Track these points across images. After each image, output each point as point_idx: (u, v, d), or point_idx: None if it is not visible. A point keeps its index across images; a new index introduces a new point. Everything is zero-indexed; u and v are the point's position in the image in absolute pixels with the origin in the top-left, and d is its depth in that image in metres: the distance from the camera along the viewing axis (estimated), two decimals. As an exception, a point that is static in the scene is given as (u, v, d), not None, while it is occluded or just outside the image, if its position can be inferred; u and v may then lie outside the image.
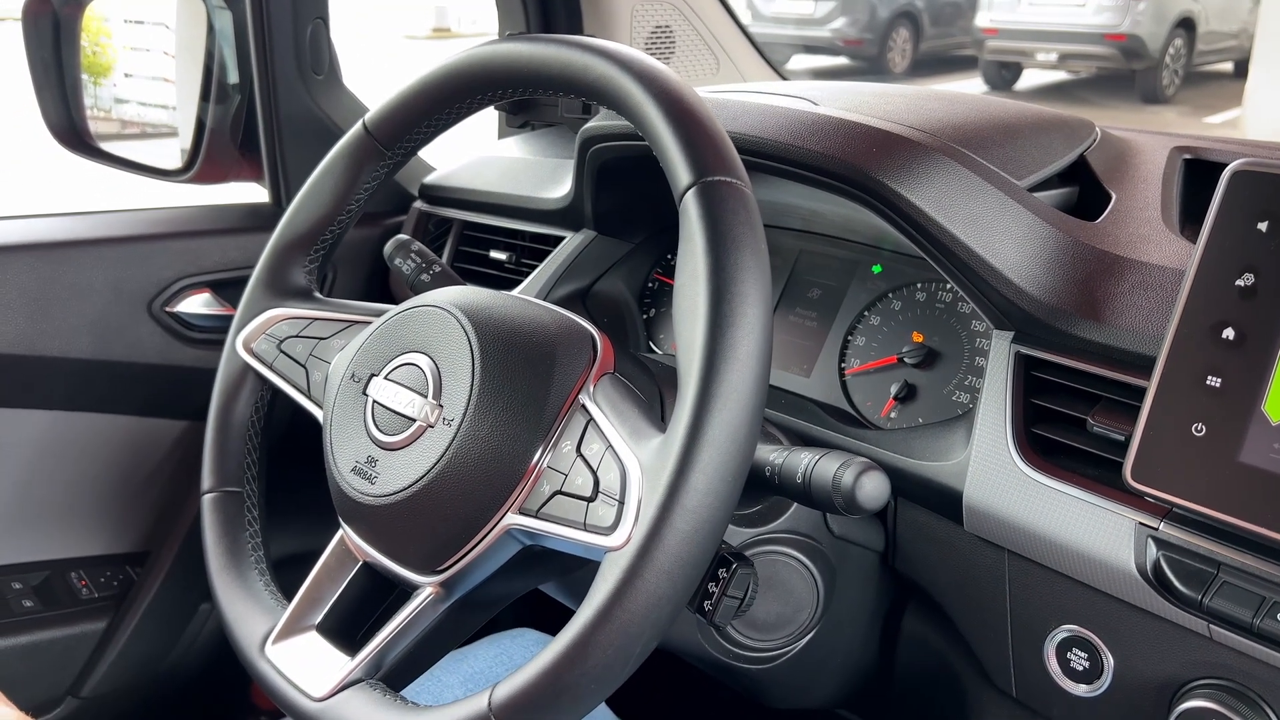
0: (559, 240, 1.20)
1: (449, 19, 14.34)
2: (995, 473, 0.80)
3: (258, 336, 0.89)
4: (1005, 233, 0.83)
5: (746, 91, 1.04)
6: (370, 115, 0.86)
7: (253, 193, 1.46)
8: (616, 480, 0.64)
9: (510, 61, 0.77)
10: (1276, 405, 0.66)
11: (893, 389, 0.97)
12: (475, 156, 1.41)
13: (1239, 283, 0.68)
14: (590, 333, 0.74)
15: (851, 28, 10.14)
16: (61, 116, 1.42)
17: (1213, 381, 0.68)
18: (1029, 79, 10.23)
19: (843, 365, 1.02)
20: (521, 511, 0.68)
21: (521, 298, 0.77)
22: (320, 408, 0.82)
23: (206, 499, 0.87)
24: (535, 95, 0.78)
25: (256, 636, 0.78)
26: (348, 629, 0.77)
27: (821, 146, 0.88)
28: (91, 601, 1.37)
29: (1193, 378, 0.69)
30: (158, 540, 1.40)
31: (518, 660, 1.04)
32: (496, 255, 1.29)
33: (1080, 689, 0.79)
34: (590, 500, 0.65)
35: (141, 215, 1.37)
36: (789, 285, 1.09)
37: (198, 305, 1.33)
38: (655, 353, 1.16)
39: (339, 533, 0.78)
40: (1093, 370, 0.78)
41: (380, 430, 0.74)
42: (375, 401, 0.75)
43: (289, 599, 0.79)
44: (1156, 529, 0.71)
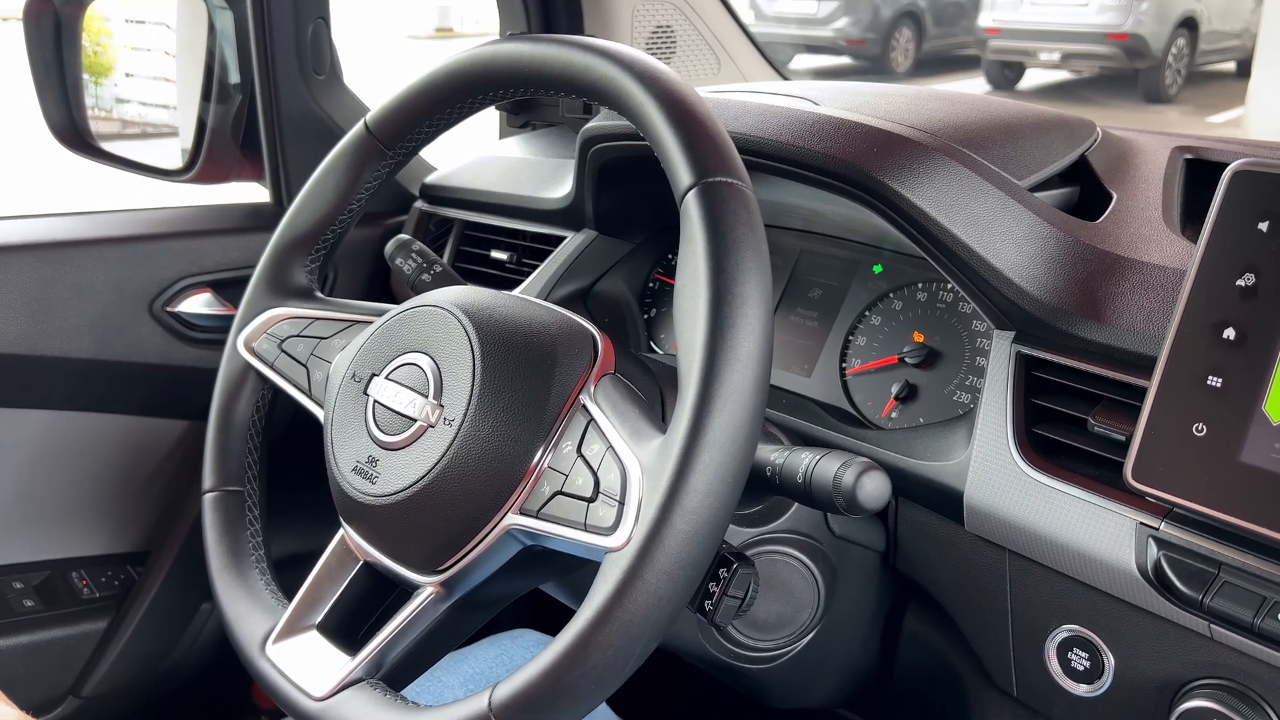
0: (560, 240, 1.20)
1: (452, 19, 14.34)
2: (996, 473, 0.80)
3: (259, 336, 0.89)
4: (1006, 233, 0.83)
5: (747, 91, 1.04)
6: (372, 115, 0.86)
7: (254, 193, 1.46)
8: (617, 481, 0.64)
9: (512, 61, 0.77)
10: (1277, 405, 0.66)
11: (894, 389, 0.97)
12: (476, 156, 1.41)
13: (1240, 283, 0.68)
14: (591, 333, 0.74)
15: (854, 27, 10.13)
16: (63, 116, 1.42)
17: (1213, 381, 0.68)
18: (1032, 78, 10.22)
19: (844, 365, 1.02)
20: (522, 512, 0.68)
21: (522, 298, 0.77)
22: (321, 407, 0.82)
23: (207, 498, 0.88)
24: (536, 95, 0.78)
25: (257, 636, 0.78)
26: (348, 628, 0.77)
27: (822, 146, 0.88)
28: (92, 601, 1.37)
29: (1193, 378, 0.69)
30: (158, 540, 1.40)
31: (518, 661, 1.04)
32: (497, 255, 1.29)
33: (1081, 689, 0.79)
34: (591, 501, 0.65)
35: (143, 215, 1.37)
36: (790, 285, 1.09)
37: (199, 305, 1.33)
38: (656, 353, 1.16)
39: (340, 532, 0.78)
40: (1093, 370, 0.78)
41: (381, 430, 0.74)
42: (376, 401, 0.75)
43: (290, 598, 0.79)
44: (1157, 529, 0.71)
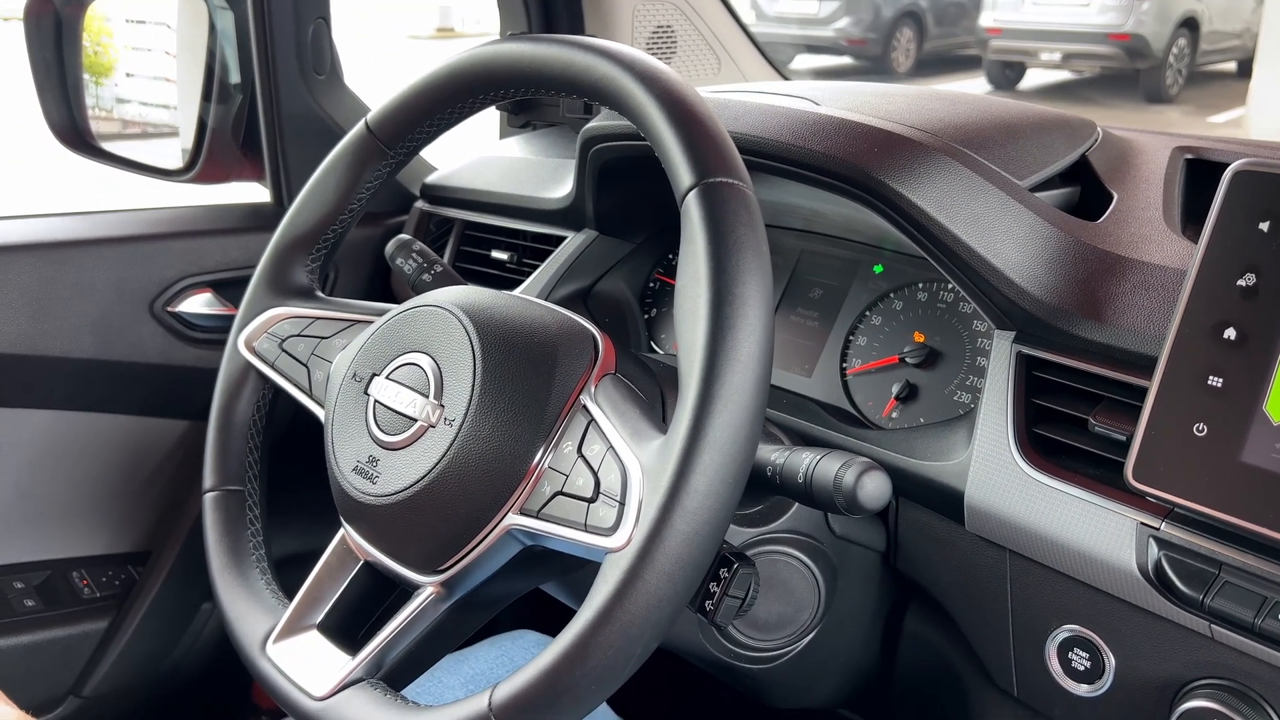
0: (560, 240, 1.20)
1: (453, 19, 14.34)
2: (997, 473, 0.80)
3: (260, 335, 0.89)
4: (1007, 233, 0.83)
5: (748, 91, 1.04)
6: (372, 114, 0.86)
7: (254, 193, 1.46)
8: (617, 481, 0.64)
9: (513, 61, 0.77)
10: (1278, 405, 0.66)
11: (894, 389, 0.97)
12: (477, 156, 1.41)
13: (1240, 283, 0.68)
14: (592, 333, 0.74)
15: (856, 27, 10.13)
16: (63, 116, 1.42)
17: (1214, 381, 0.68)
18: (1033, 78, 10.22)
19: (844, 365, 1.02)
20: (522, 512, 0.68)
21: (523, 298, 0.77)
22: (322, 407, 0.82)
23: (208, 497, 0.88)
24: (537, 95, 0.78)
25: (258, 635, 0.78)
26: (349, 628, 0.77)
27: (823, 146, 0.88)
28: (93, 601, 1.37)
29: (1194, 378, 0.69)
30: (159, 540, 1.40)
31: (519, 662, 1.03)
32: (498, 255, 1.29)
33: (1082, 689, 0.79)
34: (591, 501, 0.65)
35: (143, 215, 1.37)
36: (790, 285, 1.09)
37: (199, 305, 1.33)
38: (657, 352, 1.16)
39: (340, 532, 0.78)
40: (1094, 370, 0.77)
41: (382, 430, 0.74)
42: (377, 401, 0.75)
43: (290, 598, 0.79)
44: (1158, 529, 0.71)
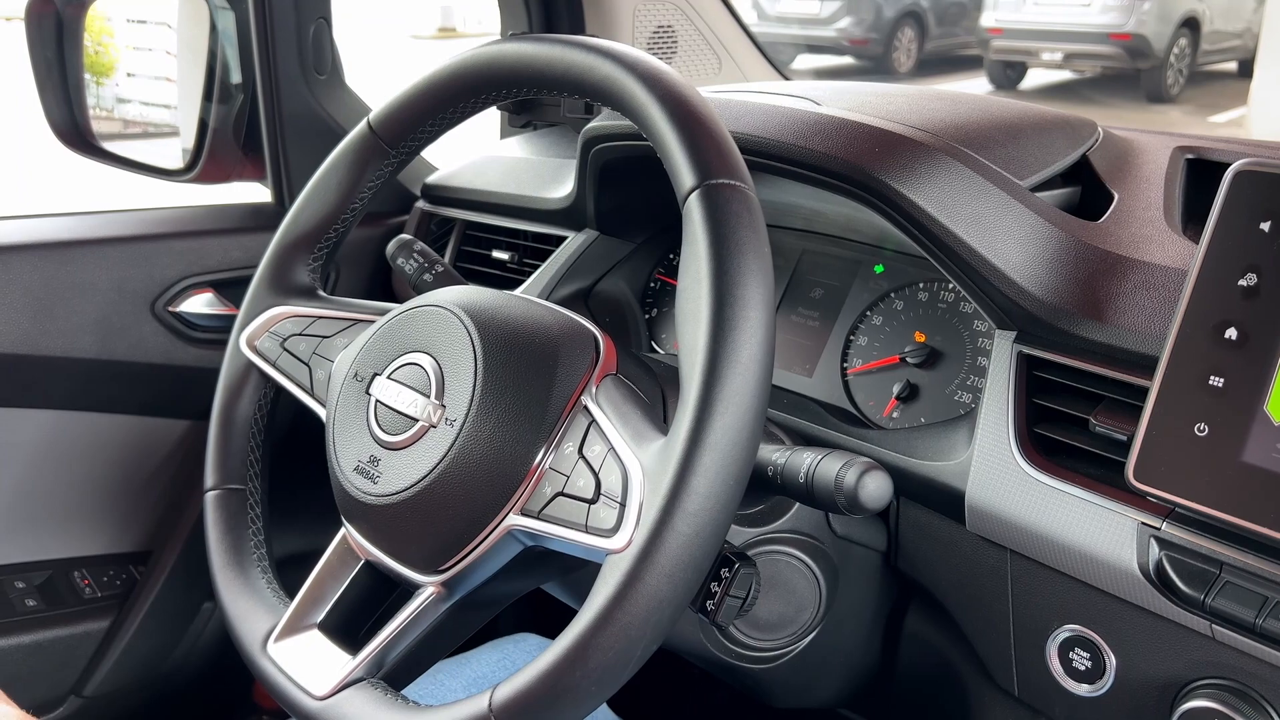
0: (561, 240, 1.20)
1: (454, 18, 14.35)
2: (997, 472, 0.80)
3: (261, 334, 0.89)
4: (1008, 233, 0.83)
5: (749, 91, 1.04)
6: (374, 114, 0.86)
7: (255, 193, 1.46)
8: (618, 482, 0.64)
9: (515, 61, 0.77)
10: (1279, 405, 0.66)
11: (895, 389, 0.97)
12: (477, 156, 1.41)
13: (1241, 283, 0.68)
14: (593, 333, 0.74)
15: (857, 27, 10.13)
16: (64, 116, 1.42)
17: (1215, 381, 0.68)
18: (1034, 78, 10.21)
19: (845, 365, 1.02)
20: (523, 512, 0.68)
21: (524, 298, 0.77)
22: (323, 406, 0.82)
23: (209, 496, 0.88)
24: (539, 95, 0.78)
25: (259, 634, 0.78)
26: (349, 628, 0.77)
27: (824, 146, 0.88)
28: (94, 601, 1.37)
29: (1195, 378, 0.69)
30: (160, 540, 1.40)
31: (520, 664, 1.04)
32: (499, 255, 1.29)
33: (1082, 689, 0.79)
34: (592, 502, 0.65)
35: (144, 215, 1.37)
36: (791, 285, 1.09)
37: (200, 305, 1.34)
38: (658, 352, 1.16)
39: (341, 531, 0.78)
40: (1095, 370, 0.77)
41: (383, 430, 0.74)
42: (378, 401, 0.75)
43: (291, 597, 0.79)
44: (1159, 529, 0.71)
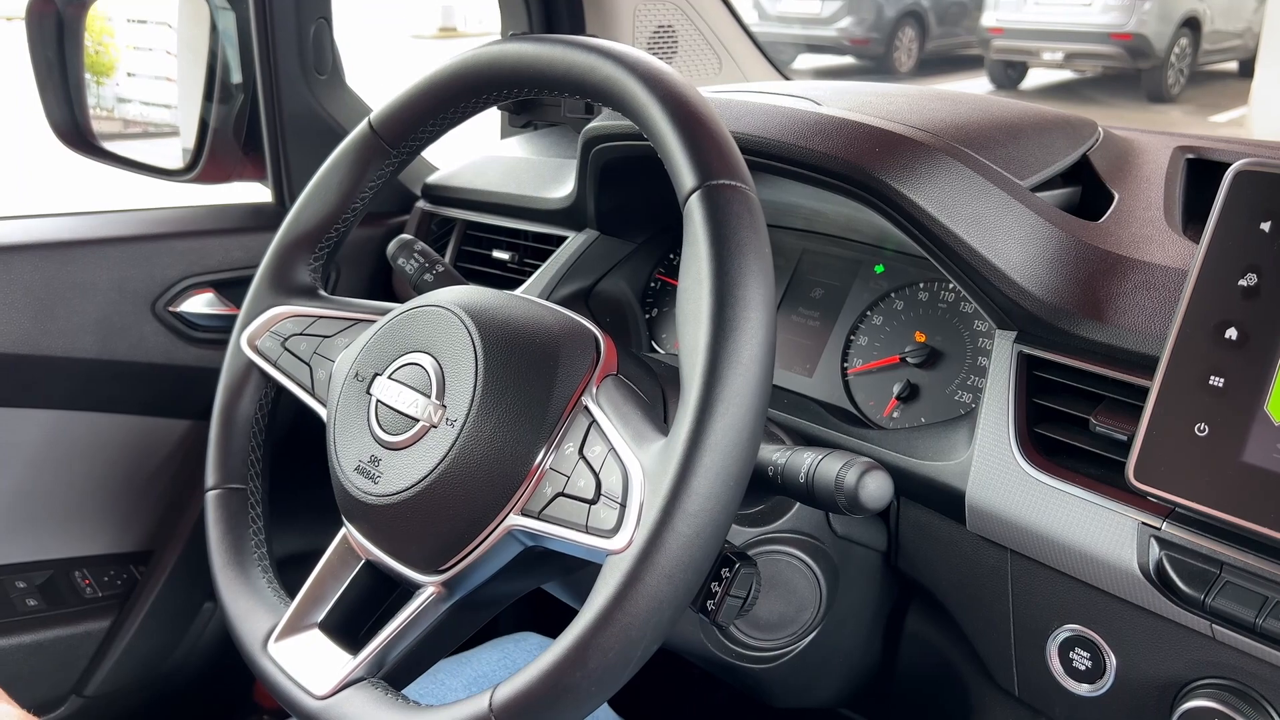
0: (561, 240, 1.20)
1: (455, 18, 14.35)
2: (998, 472, 0.80)
3: (262, 334, 0.89)
4: (1008, 233, 0.83)
5: (749, 91, 1.04)
6: (376, 114, 0.87)
7: (256, 193, 1.46)
8: (619, 483, 0.64)
9: (515, 61, 0.77)
10: (1279, 405, 0.66)
11: (895, 389, 0.97)
12: (478, 156, 1.41)
13: (1242, 283, 0.68)
14: (593, 333, 0.74)
15: (858, 27, 10.13)
16: (65, 116, 1.42)
17: (1215, 381, 0.68)
18: (1035, 78, 10.21)
19: (845, 365, 1.02)
20: (524, 513, 0.68)
21: (524, 298, 0.77)
22: (324, 406, 0.82)
23: (210, 495, 0.88)
24: (540, 95, 0.78)
25: (259, 634, 0.78)
26: (350, 627, 0.77)
27: (824, 146, 0.88)
28: (95, 600, 1.37)
29: (1195, 378, 0.69)
30: (161, 539, 1.41)
31: (520, 664, 1.04)
32: (499, 255, 1.29)
33: (1083, 688, 0.79)
34: (592, 503, 0.65)
35: (145, 215, 1.37)
36: (792, 285, 1.09)
37: (201, 305, 1.34)
38: (658, 352, 1.16)
39: (342, 531, 0.78)
40: (1095, 370, 0.77)
41: (384, 430, 0.74)
42: (379, 401, 0.75)
43: (292, 597, 0.79)
44: (1159, 529, 0.71)
